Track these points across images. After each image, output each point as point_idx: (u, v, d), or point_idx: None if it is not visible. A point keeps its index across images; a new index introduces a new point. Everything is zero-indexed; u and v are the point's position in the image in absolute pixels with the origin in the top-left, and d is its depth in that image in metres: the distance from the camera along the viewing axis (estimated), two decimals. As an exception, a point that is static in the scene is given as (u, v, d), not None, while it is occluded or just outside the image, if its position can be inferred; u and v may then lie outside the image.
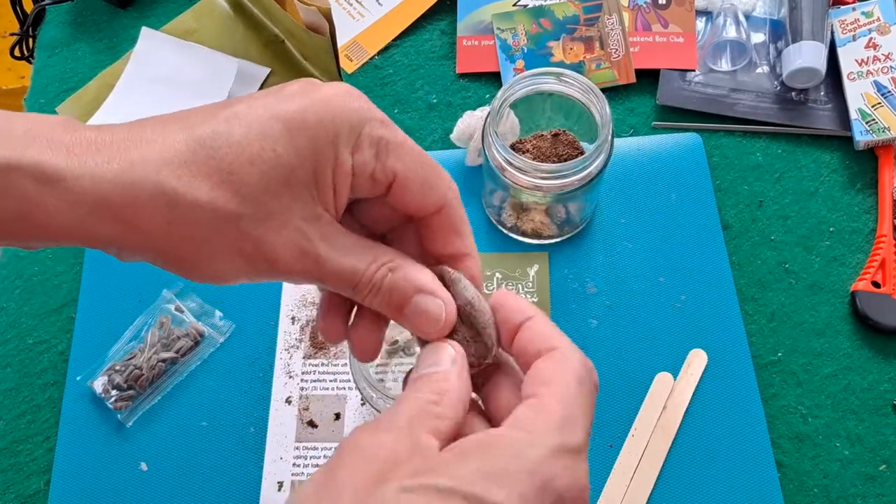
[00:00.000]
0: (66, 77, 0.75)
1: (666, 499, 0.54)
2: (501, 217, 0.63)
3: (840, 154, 0.67)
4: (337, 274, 0.32)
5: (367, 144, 0.32)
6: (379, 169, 0.32)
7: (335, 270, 0.32)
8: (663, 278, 0.62)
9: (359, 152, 0.32)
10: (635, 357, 0.59)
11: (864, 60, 0.68)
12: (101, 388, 0.59)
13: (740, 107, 0.68)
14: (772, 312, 0.61)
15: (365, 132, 0.32)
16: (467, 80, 0.72)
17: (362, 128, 0.31)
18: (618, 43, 0.71)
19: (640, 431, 0.56)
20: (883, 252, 0.62)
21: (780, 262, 0.63)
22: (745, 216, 0.65)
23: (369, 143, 0.32)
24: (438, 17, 0.75)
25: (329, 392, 0.59)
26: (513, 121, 0.61)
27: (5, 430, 0.59)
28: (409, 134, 0.70)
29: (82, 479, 0.57)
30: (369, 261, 0.32)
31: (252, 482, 0.56)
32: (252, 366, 0.60)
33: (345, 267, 0.32)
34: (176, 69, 0.71)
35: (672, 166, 0.66)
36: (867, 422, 0.57)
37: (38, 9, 0.78)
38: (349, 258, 0.32)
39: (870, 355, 0.59)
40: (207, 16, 0.75)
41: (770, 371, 0.59)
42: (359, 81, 0.73)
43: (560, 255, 0.63)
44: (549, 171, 0.55)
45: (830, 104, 0.68)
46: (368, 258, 0.32)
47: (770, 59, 0.70)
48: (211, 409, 0.59)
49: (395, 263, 0.33)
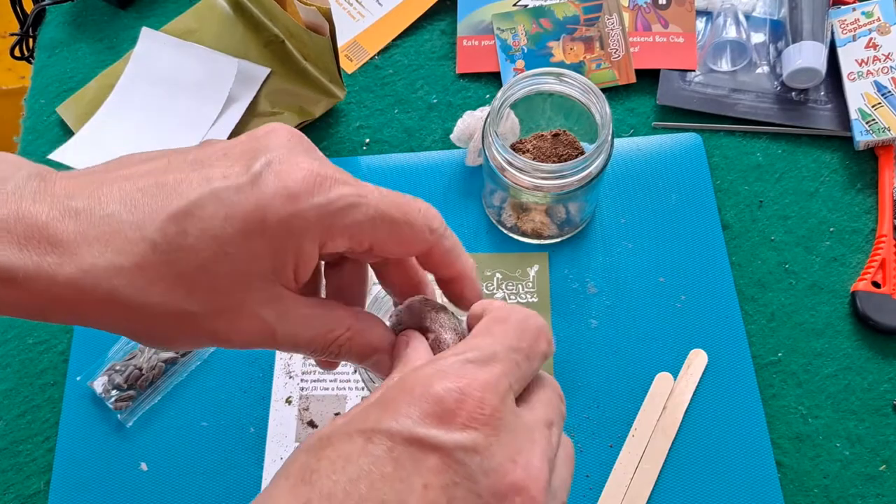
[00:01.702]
0: (66, 77, 0.75)
1: (666, 499, 0.54)
2: (501, 217, 0.63)
3: (840, 154, 0.67)
4: (295, 346, 0.33)
5: (339, 235, 0.31)
6: (352, 248, 0.32)
7: (293, 343, 0.33)
8: (663, 278, 0.62)
9: (330, 243, 0.31)
10: (635, 357, 0.59)
11: (865, 60, 0.68)
12: (101, 388, 0.59)
13: (740, 107, 0.68)
14: (772, 312, 0.61)
15: (336, 226, 0.31)
16: (467, 80, 0.72)
17: (332, 222, 0.30)
18: (618, 43, 0.71)
19: (640, 431, 0.56)
20: (883, 252, 0.62)
21: (781, 263, 0.63)
22: (745, 216, 0.65)
23: (341, 234, 0.31)
24: (438, 17, 0.75)
25: (329, 392, 0.59)
26: (513, 121, 0.61)
27: (5, 430, 0.59)
28: (408, 134, 0.70)
29: (82, 479, 0.57)
30: (326, 331, 0.33)
31: (252, 482, 0.56)
32: (252, 366, 0.60)
33: (301, 341, 0.33)
34: (176, 69, 0.71)
35: (672, 166, 0.66)
36: (867, 422, 0.57)
37: (38, 9, 0.78)
38: (307, 331, 0.33)
39: (870, 355, 0.59)
40: (207, 16, 0.75)
41: (770, 371, 0.59)
42: (359, 81, 0.73)
43: (560, 255, 0.63)
44: (549, 172, 0.55)
45: (830, 104, 0.68)
46: (326, 328, 0.33)
47: (770, 59, 0.70)
48: (211, 409, 0.59)
49: (352, 330, 0.34)
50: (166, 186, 0.29)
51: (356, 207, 0.31)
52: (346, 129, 0.71)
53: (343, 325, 0.33)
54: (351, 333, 0.34)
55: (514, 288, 0.62)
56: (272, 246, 0.30)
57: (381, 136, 0.70)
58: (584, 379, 0.58)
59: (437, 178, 0.67)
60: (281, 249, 0.30)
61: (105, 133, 0.69)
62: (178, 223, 0.29)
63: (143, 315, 0.30)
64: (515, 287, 0.62)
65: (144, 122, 0.69)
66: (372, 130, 0.70)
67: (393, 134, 0.70)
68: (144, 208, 0.29)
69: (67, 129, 0.71)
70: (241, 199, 0.29)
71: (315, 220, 0.30)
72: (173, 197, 0.29)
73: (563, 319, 0.61)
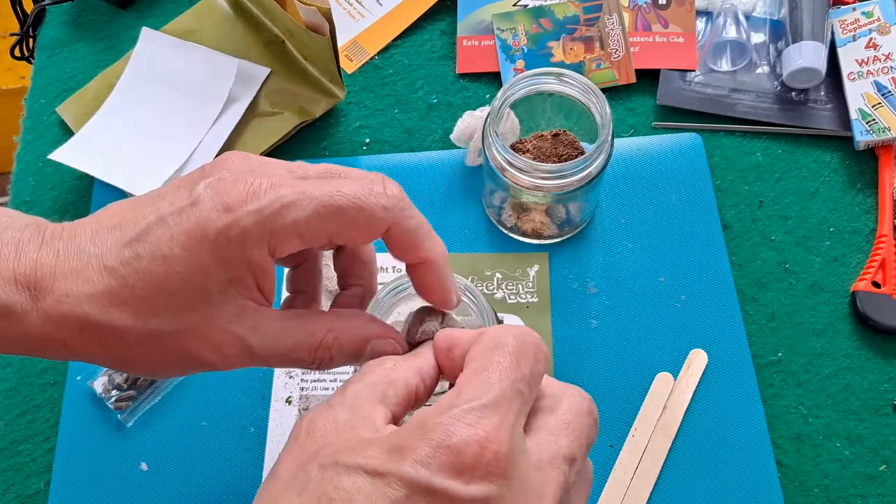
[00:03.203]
0: (66, 77, 0.75)
1: (666, 499, 0.54)
2: (501, 217, 0.63)
3: (840, 154, 0.67)
4: (277, 357, 0.34)
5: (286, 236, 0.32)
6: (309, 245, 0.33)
7: (275, 355, 0.33)
8: (663, 278, 0.62)
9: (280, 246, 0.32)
10: (635, 357, 0.59)
11: (865, 60, 0.68)
12: (102, 388, 0.59)
13: (740, 107, 0.68)
14: (772, 312, 0.61)
15: (279, 227, 0.31)
16: (467, 80, 0.72)
17: (272, 225, 0.31)
18: (618, 43, 0.71)
19: (640, 431, 0.56)
20: (883, 252, 0.62)
21: (781, 262, 0.63)
22: (745, 216, 0.65)
23: (287, 234, 0.32)
24: (438, 17, 0.75)
25: (329, 392, 0.59)
26: (513, 121, 0.61)
27: (5, 430, 0.59)
28: (408, 134, 0.70)
29: (82, 479, 0.57)
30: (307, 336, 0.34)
31: (252, 482, 0.56)
32: (252, 366, 0.60)
33: (282, 351, 0.33)
34: (176, 69, 0.71)
35: (672, 166, 0.66)
36: (867, 422, 0.57)
37: (38, 9, 0.78)
38: (286, 340, 0.33)
39: (870, 355, 0.59)
40: (207, 16, 0.75)
41: (770, 371, 0.59)
42: (359, 81, 0.73)
43: (560, 255, 0.63)
44: (549, 172, 0.55)
45: (830, 104, 0.68)
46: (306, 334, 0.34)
47: (770, 59, 0.70)
48: (211, 409, 0.59)
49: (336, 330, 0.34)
50: (127, 221, 0.33)
51: (294, 205, 0.31)
52: (346, 129, 0.71)
53: (323, 327, 0.34)
54: (335, 333, 0.34)
55: (514, 288, 0.62)
56: (218, 258, 0.31)
57: (381, 136, 0.70)
58: (584, 379, 0.58)
59: (437, 178, 0.67)
60: (228, 260, 0.31)
61: (105, 133, 0.69)
62: (132, 249, 0.32)
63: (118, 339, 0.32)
64: (515, 287, 0.62)
65: (144, 122, 0.69)
66: (372, 130, 0.70)
67: (393, 134, 0.70)
68: (108, 241, 0.32)
69: (67, 129, 0.71)
70: (183, 219, 0.31)
71: (253, 226, 0.31)
72: (129, 228, 0.32)
73: (563, 319, 0.61)
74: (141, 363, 0.33)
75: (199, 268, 0.31)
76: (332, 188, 0.32)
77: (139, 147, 0.68)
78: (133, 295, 0.31)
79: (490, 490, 0.27)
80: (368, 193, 0.33)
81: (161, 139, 0.69)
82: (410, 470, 0.27)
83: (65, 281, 0.32)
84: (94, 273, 0.32)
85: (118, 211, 0.34)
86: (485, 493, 0.27)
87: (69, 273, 0.32)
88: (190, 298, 0.32)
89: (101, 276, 0.32)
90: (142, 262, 0.31)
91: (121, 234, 0.32)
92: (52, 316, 0.31)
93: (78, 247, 0.32)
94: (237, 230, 0.31)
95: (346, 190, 0.32)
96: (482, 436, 0.28)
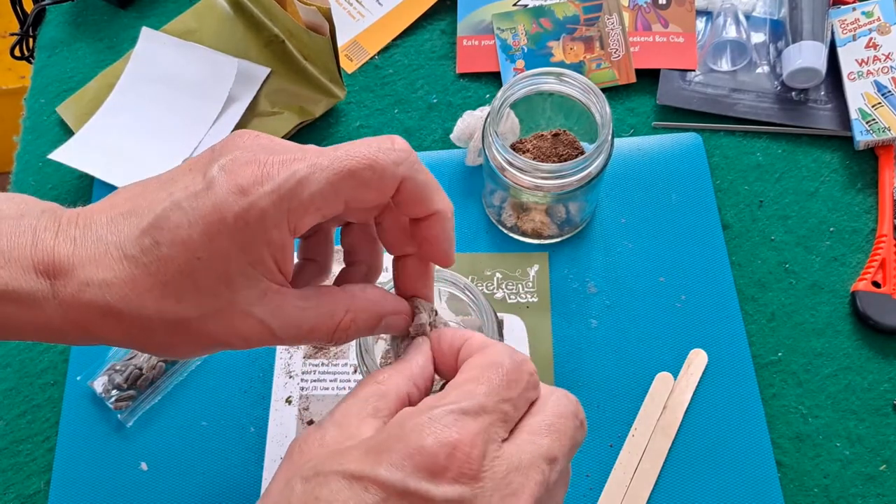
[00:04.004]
0: (66, 77, 0.75)
1: (666, 499, 0.54)
2: (501, 217, 0.63)
3: (840, 154, 0.67)
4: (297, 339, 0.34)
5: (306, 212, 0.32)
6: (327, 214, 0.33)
7: (296, 337, 0.34)
8: (663, 278, 0.62)
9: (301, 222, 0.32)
10: (635, 357, 0.59)
11: (865, 60, 0.68)
12: (102, 388, 0.59)
13: (740, 107, 0.68)
14: (772, 312, 0.61)
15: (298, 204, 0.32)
16: (467, 80, 0.72)
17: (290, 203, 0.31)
18: (618, 43, 0.71)
19: (640, 431, 0.56)
20: (883, 252, 0.62)
21: (781, 262, 0.63)
22: (745, 216, 0.65)
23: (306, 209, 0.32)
24: (438, 17, 0.75)
25: (329, 392, 0.59)
26: (513, 121, 0.61)
27: (5, 430, 0.59)
28: (409, 134, 0.70)
29: (82, 479, 0.57)
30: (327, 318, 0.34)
31: (252, 482, 0.56)
32: (252, 366, 0.60)
33: (303, 332, 0.34)
34: (176, 69, 0.71)
35: (672, 166, 0.66)
36: (867, 422, 0.57)
37: (38, 9, 0.78)
38: (306, 322, 0.34)
39: (870, 355, 0.59)
40: (207, 16, 0.75)
41: (770, 371, 0.59)
42: (359, 81, 0.73)
43: (560, 255, 0.63)
44: (549, 171, 0.55)
45: (830, 104, 0.68)
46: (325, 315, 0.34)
47: (770, 59, 0.70)
48: (211, 409, 0.59)
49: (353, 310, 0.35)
50: (141, 207, 0.32)
51: (308, 179, 0.32)
52: (346, 128, 0.71)
53: (342, 307, 0.34)
54: (353, 314, 0.35)
55: (514, 288, 0.62)
56: (238, 242, 0.31)
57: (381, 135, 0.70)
58: (584, 379, 0.58)
59: (437, 178, 0.66)
60: (249, 243, 0.31)
61: (105, 133, 0.69)
62: (151, 236, 0.31)
63: (142, 325, 0.32)
64: (515, 287, 0.62)
65: (144, 122, 0.69)
66: (372, 130, 0.70)
67: (393, 133, 0.70)
68: (124, 229, 0.32)
69: (67, 128, 0.71)
70: (199, 204, 0.31)
71: (271, 206, 0.31)
72: (145, 215, 0.32)
73: (563, 319, 0.61)
74: (162, 346, 0.33)
75: (220, 253, 0.31)
76: (342, 152, 0.33)
77: (139, 147, 0.68)
78: (156, 282, 0.31)
79: (463, 492, 0.28)
80: (378, 150, 0.33)
81: (161, 139, 0.69)
82: (386, 473, 0.28)
83: (84, 269, 0.31)
84: (113, 261, 0.31)
85: (130, 196, 0.33)
86: (458, 493, 0.28)
87: (87, 261, 0.32)
88: (212, 284, 0.31)
89: (122, 265, 0.31)
90: (161, 249, 0.31)
91: (137, 221, 0.32)
92: (74, 304, 0.31)
93: (95, 235, 0.32)
94: (255, 213, 0.31)
95: (356, 152, 0.33)
96: (455, 438, 0.29)
